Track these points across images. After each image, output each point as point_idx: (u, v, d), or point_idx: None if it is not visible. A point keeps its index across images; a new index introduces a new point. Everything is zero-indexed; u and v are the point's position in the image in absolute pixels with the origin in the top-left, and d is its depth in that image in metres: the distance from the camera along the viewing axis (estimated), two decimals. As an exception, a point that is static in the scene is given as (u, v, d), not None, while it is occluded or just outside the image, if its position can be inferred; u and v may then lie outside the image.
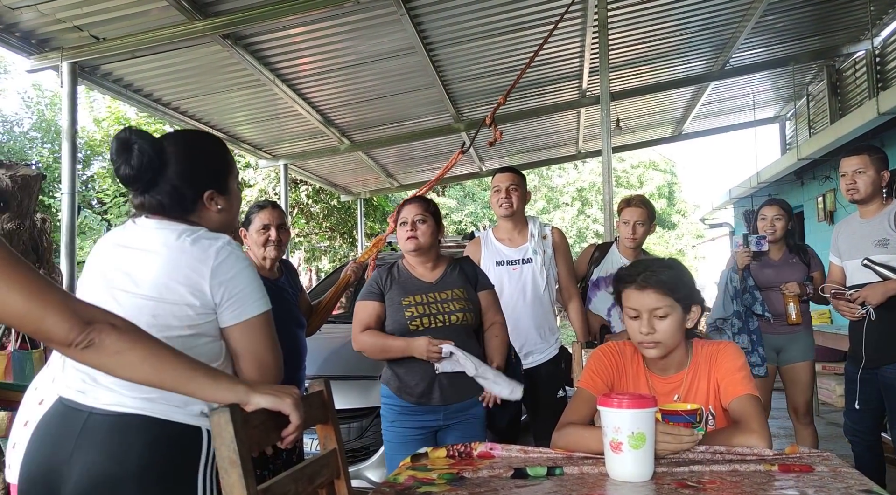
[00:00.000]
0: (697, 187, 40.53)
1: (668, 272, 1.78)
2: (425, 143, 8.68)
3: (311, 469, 1.41)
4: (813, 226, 8.68)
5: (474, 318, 2.54)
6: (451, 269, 2.64)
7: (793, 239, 3.58)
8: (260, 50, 5.16)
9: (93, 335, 1.14)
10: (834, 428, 5.15)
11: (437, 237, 2.63)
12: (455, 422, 2.53)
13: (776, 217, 3.51)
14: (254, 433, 1.28)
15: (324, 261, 15.51)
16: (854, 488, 1.31)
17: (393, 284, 2.62)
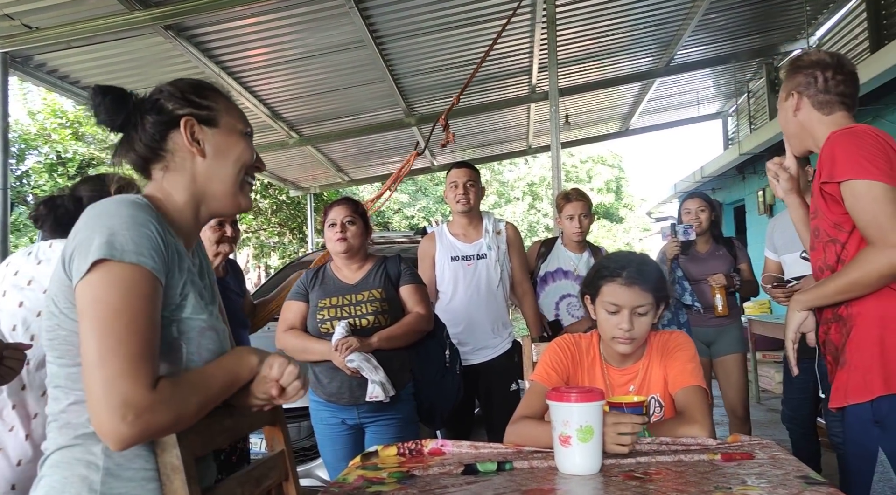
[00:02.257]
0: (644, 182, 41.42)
1: (654, 271, 1.81)
2: (376, 138, 8.63)
3: (258, 471, 1.38)
4: (754, 218, 8.95)
5: (389, 319, 2.53)
6: (374, 270, 2.64)
7: (718, 230, 3.64)
8: (204, 42, 5.03)
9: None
10: (773, 415, 5.34)
11: (366, 239, 2.65)
12: (373, 422, 2.52)
13: (700, 209, 3.56)
14: (197, 437, 1.25)
15: (273, 258, 15.30)
16: (792, 474, 1.36)
17: (316, 286, 2.64)
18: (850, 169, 1.57)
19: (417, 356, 2.61)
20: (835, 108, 1.77)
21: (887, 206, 1.52)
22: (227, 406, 1.31)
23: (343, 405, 2.52)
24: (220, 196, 1.26)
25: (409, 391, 2.59)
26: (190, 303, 1.17)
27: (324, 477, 3.24)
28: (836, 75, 1.76)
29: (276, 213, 14.31)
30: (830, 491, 1.25)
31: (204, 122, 1.22)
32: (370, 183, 14.31)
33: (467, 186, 3.16)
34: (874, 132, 1.63)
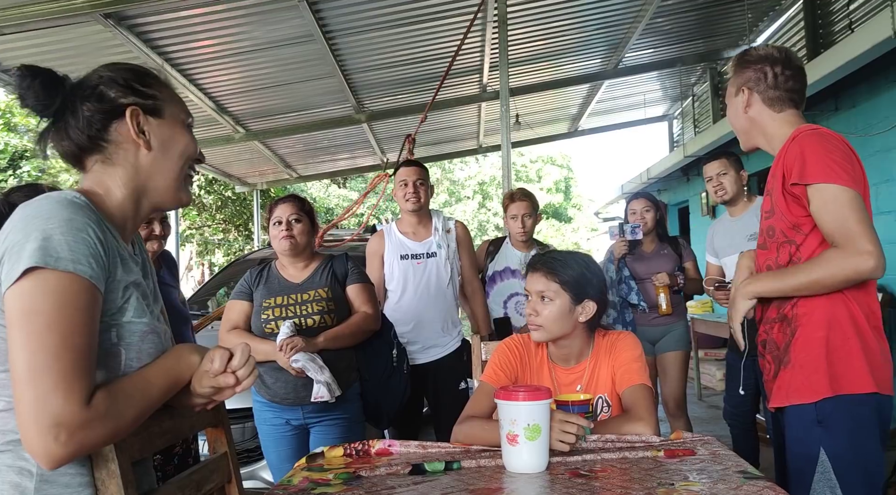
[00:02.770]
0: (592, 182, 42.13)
1: (562, 260, 1.82)
2: (326, 134, 8.52)
3: (199, 475, 1.34)
4: (697, 219, 9.19)
5: (336, 319, 2.50)
6: (321, 269, 2.60)
7: (663, 230, 3.70)
8: (147, 32, 4.87)
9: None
10: (715, 411, 5.48)
11: (313, 237, 2.61)
12: (318, 422, 2.49)
13: (645, 209, 3.62)
14: (135, 440, 1.20)
15: (217, 255, 14.97)
16: (731, 470, 1.39)
17: (261, 284, 2.59)
18: (821, 172, 1.57)
19: (364, 356, 2.58)
20: (785, 105, 1.76)
21: (856, 213, 1.54)
22: (167, 407, 1.27)
23: (287, 405, 2.48)
24: (162, 190, 1.20)
25: (355, 391, 2.56)
26: (132, 307, 1.11)
27: (268, 479, 3.18)
28: (785, 71, 1.74)
29: (221, 210, 14.01)
30: (767, 484, 1.28)
31: (149, 111, 1.16)
32: (318, 180, 14.17)
33: (417, 185, 3.14)
34: (841, 138, 1.64)
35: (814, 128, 1.66)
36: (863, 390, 1.60)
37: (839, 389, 1.60)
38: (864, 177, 1.62)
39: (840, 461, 1.60)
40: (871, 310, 1.64)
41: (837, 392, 1.60)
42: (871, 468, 1.61)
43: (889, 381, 1.62)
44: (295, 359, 2.33)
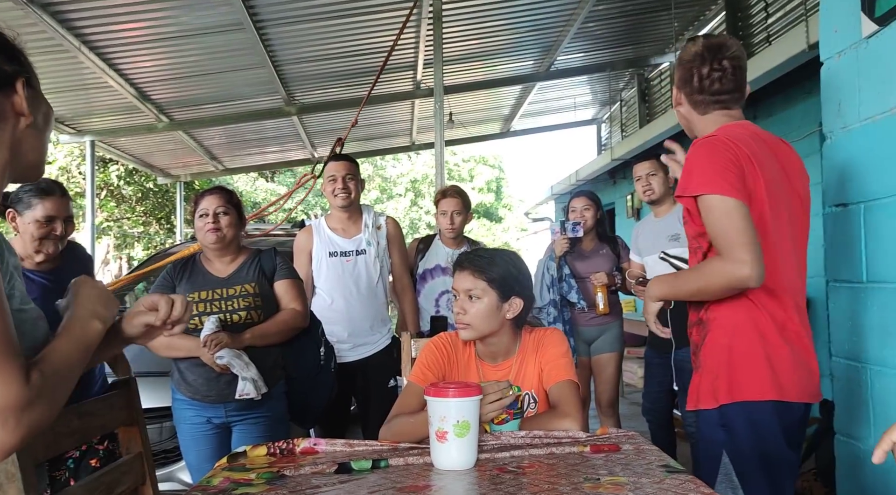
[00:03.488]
0: (523, 183, 42.78)
1: (488, 258, 1.82)
2: (254, 126, 8.32)
3: (109, 477, 1.27)
4: (623, 221, 9.44)
5: (263, 315, 2.43)
6: (248, 263, 2.52)
7: (603, 229, 3.73)
8: (63, 12, 4.62)
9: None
10: (635, 408, 5.64)
11: (239, 230, 2.53)
12: (241, 420, 2.42)
13: (585, 207, 3.64)
14: (39, 442, 1.12)
15: (137, 249, 14.40)
16: (654, 464, 1.41)
17: (184, 278, 2.49)
18: (704, 184, 1.59)
19: (291, 353, 2.52)
20: (709, 108, 1.75)
21: (736, 222, 1.55)
22: (74, 406, 1.19)
23: (209, 403, 2.39)
24: (32, 166, 1.11)
25: (280, 389, 2.49)
26: (19, 292, 1.04)
27: (187, 481, 3.07)
28: (713, 72, 1.72)
29: (142, 202, 13.47)
30: (688, 478, 1.31)
31: (28, 82, 1.06)
32: (246, 172, 13.82)
33: (346, 180, 3.07)
34: (730, 144, 1.63)
35: (707, 139, 1.67)
36: (762, 397, 1.63)
37: (737, 396, 1.65)
38: (761, 182, 1.63)
39: (743, 463, 1.65)
40: (780, 316, 1.66)
41: (735, 398, 1.65)
42: (774, 469, 1.67)
43: (797, 388, 1.65)
44: (219, 356, 2.25)
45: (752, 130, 1.73)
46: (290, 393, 2.53)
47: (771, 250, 1.63)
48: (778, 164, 1.71)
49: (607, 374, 3.63)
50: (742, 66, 1.75)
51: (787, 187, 1.71)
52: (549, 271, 3.55)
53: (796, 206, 1.73)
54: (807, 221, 1.76)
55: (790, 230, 1.70)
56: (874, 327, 1.99)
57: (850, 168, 2.09)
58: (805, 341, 1.70)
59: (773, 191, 1.65)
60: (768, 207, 1.64)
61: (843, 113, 2.11)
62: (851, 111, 2.07)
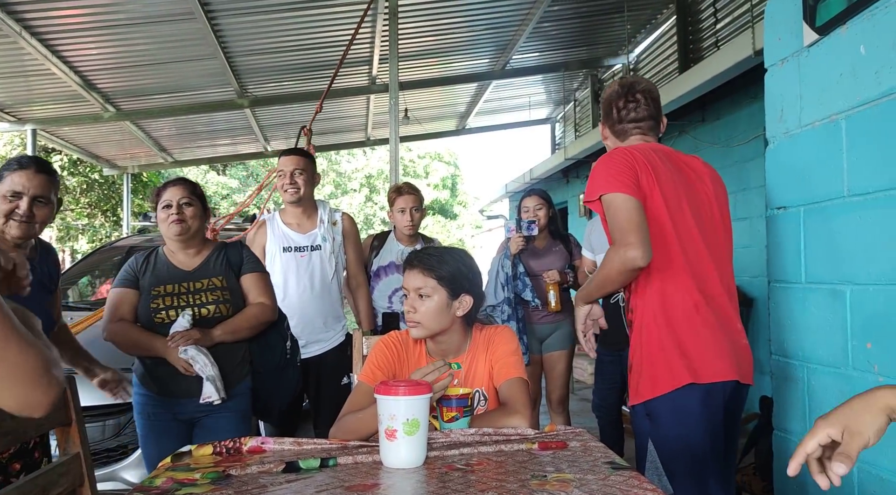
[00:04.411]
0: (477, 180, 42.94)
1: (437, 256, 1.82)
2: (205, 118, 8.15)
3: (44, 479, 1.22)
4: (575, 220, 9.57)
5: (231, 309, 2.38)
6: (214, 256, 2.47)
7: (555, 227, 3.75)
8: (3, -6, 4.45)
9: None
10: (585, 404, 5.73)
11: (204, 222, 2.46)
12: (206, 416, 2.36)
13: (537, 206, 3.65)
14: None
15: (81, 242, 13.95)
16: (600, 460, 1.44)
17: (147, 271, 2.42)
18: (601, 186, 1.79)
19: (258, 348, 2.47)
20: (629, 134, 1.98)
21: (625, 213, 1.74)
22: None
23: (177, 398, 2.34)
24: None
25: (246, 385, 2.44)
26: None
27: (130, 480, 3.00)
28: (628, 103, 1.96)
29: (87, 193, 13.06)
30: (632, 474, 1.34)
31: None
32: (196, 165, 13.54)
33: (295, 175, 3.02)
34: (626, 152, 1.83)
35: (608, 152, 1.89)
36: (678, 384, 1.75)
37: (657, 390, 1.78)
38: (655, 181, 1.79)
39: (666, 450, 1.78)
40: (690, 302, 1.78)
41: (656, 393, 1.79)
42: (698, 455, 1.77)
43: (715, 368, 1.76)
44: (184, 349, 2.20)
45: (655, 146, 1.92)
46: (256, 389, 2.48)
47: (673, 239, 1.79)
48: (676, 168, 1.87)
49: (558, 371, 3.66)
50: (654, 98, 1.99)
51: (689, 186, 1.87)
52: (503, 269, 3.57)
53: (703, 202, 1.88)
54: (722, 216, 1.91)
55: (696, 221, 1.84)
56: (811, 326, 2.07)
57: (791, 172, 2.16)
58: (726, 322, 1.82)
59: (670, 188, 1.82)
60: (666, 201, 1.79)
61: (785, 119, 2.18)
62: (793, 117, 2.14)
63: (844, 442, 1.00)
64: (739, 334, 1.86)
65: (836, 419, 1.03)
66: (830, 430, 1.02)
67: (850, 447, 0.99)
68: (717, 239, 1.88)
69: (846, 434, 1.00)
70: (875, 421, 1.00)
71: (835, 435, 1.01)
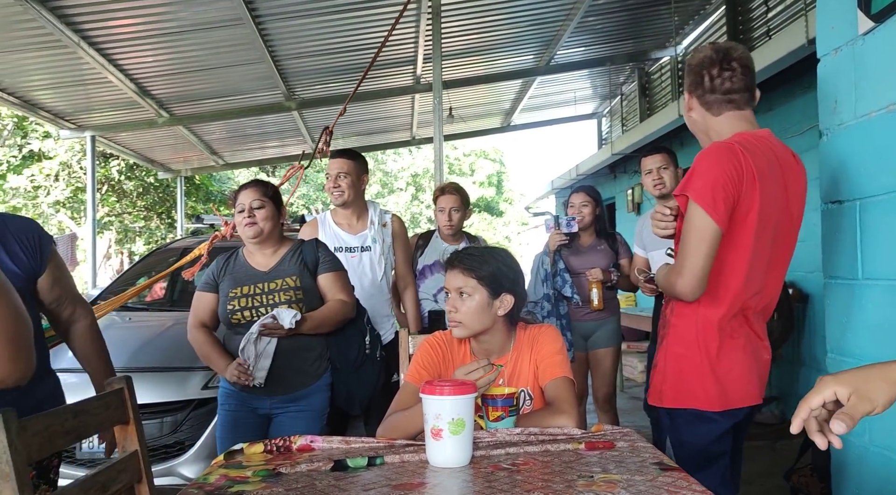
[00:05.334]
0: (523, 177, 42.77)
1: (478, 256, 1.83)
2: (254, 121, 8.32)
3: (104, 475, 1.27)
4: (623, 216, 9.43)
5: (304, 309, 2.42)
6: (289, 255, 2.51)
7: (601, 225, 3.69)
8: (61, 7, 4.62)
9: None
10: (636, 402, 5.66)
11: (279, 222, 2.51)
12: (283, 413, 2.44)
13: (583, 203, 3.60)
14: (34, 440, 1.13)
15: (138, 244, 14.41)
16: (648, 461, 1.42)
17: (226, 274, 2.49)
18: (698, 191, 1.68)
19: (336, 343, 2.51)
20: (723, 107, 1.79)
21: (698, 236, 1.67)
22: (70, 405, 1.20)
23: (255, 395, 2.43)
24: None
25: (324, 381, 2.49)
26: None
27: (188, 476, 3.10)
28: (723, 72, 1.77)
29: (143, 197, 13.48)
30: (681, 476, 1.32)
31: None
32: (246, 167, 13.82)
33: (338, 178, 3.05)
34: (736, 156, 1.67)
35: (723, 144, 1.71)
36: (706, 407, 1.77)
37: (682, 402, 1.80)
38: (756, 203, 1.68)
39: (683, 452, 1.81)
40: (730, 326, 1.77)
41: (681, 405, 1.81)
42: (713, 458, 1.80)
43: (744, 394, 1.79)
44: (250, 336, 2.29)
45: (767, 144, 1.76)
46: (336, 384, 2.53)
47: (742, 268, 1.72)
48: (781, 184, 1.75)
49: (604, 369, 3.62)
50: (750, 68, 1.80)
51: (782, 208, 1.76)
52: (543, 266, 3.55)
53: (785, 227, 1.79)
54: (792, 242, 1.84)
55: (770, 252, 1.77)
56: (869, 324, 2.00)
57: (846, 165, 2.09)
58: (758, 339, 1.82)
59: (765, 212, 1.71)
60: (754, 229, 1.70)
61: (840, 110, 2.11)
62: (847, 108, 2.07)
63: (850, 404, 0.96)
64: (765, 349, 1.85)
65: (846, 379, 0.99)
66: (839, 389, 0.98)
67: (855, 409, 0.96)
68: (784, 250, 1.82)
69: (854, 396, 0.97)
70: (888, 390, 0.96)
71: (842, 395, 0.98)
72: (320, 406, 2.49)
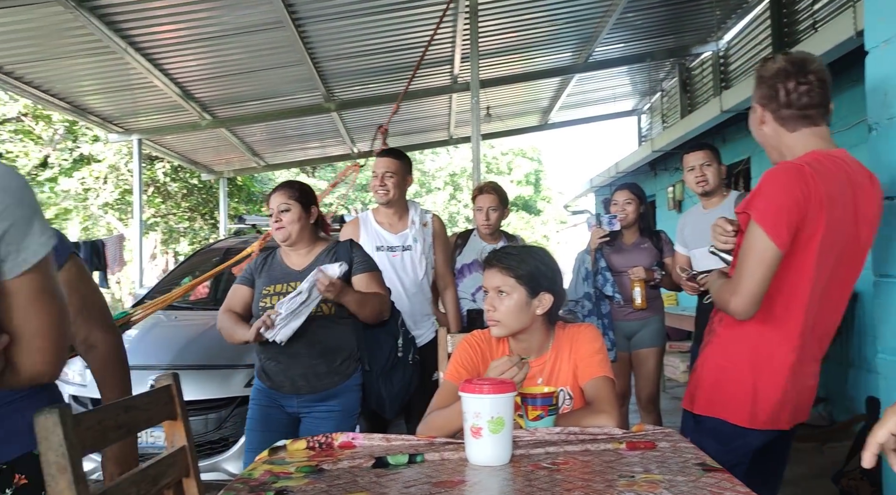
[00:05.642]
0: (562, 175, 42.44)
1: (516, 255, 1.83)
2: (294, 122, 8.43)
3: (154, 469, 1.31)
4: (664, 213, 9.30)
5: (334, 309, 2.44)
6: (324, 256, 2.53)
7: (646, 223, 3.64)
8: (109, 14, 4.75)
9: None
10: (677, 402, 5.57)
11: (308, 222, 2.53)
12: (311, 413, 2.46)
13: (626, 201, 3.56)
14: (87, 434, 1.17)
15: (182, 244, 14.73)
16: (690, 462, 1.40)
17: (263, 272, 2.55)
18: (762, 212, 1.62)
19: (367, 346, 2.53)
20: (798, 123, 1.71)
21: (757, 258, 1.63)
22: (121, 401, 1.24)
23: (284, 393, 2.47)
24: None
25: (354, 381, 2.50)
26: None
27: (232, 471, 3.16)
28: (799, 85, 1.69)
29: (187, 198, 13.79)
30: (725, 477, 1.30)
31: None
32: (287, 168, 14.02)
33: (385, 178, 3.08)
34: (811, 181, 1.61)
35: (794, 165, 1.65)
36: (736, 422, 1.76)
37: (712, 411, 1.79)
38: (820, 229, 1.63)
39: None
40: (781, 353, 1.72)
41: (711, 413, 1.80)
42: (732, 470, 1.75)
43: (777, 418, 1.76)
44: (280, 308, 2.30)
45: (841, 166, 1.69)
46: (366, 386, 2.53)
47: (803, 295, 1.68)
48: (851, 209, 1.69)
49: (647, 369, 3.57)
50: (826, 81, 1.74)
51: (849, 233, 1.70)
52: (584, 264, 3.52)
53: (850, 252, 1.73)
54: (858, 266, 1.78)
55: (831, 276, 1.72)
56: (922, 324, 1.93)
57: (897, 160, 2.03)
58: (809, 365, 1.78)
59: (829, 237, 1.65)
60: (817, 254, 1.65)
61: (889, 103, 2.04)
62: (898, 101, 2.01)
63: None
64: (813, 375, 1.81)
65: None
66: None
67: None
68: (849, 274, 1.76)
69: None
70: None
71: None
72: (349, 407, 2.49)
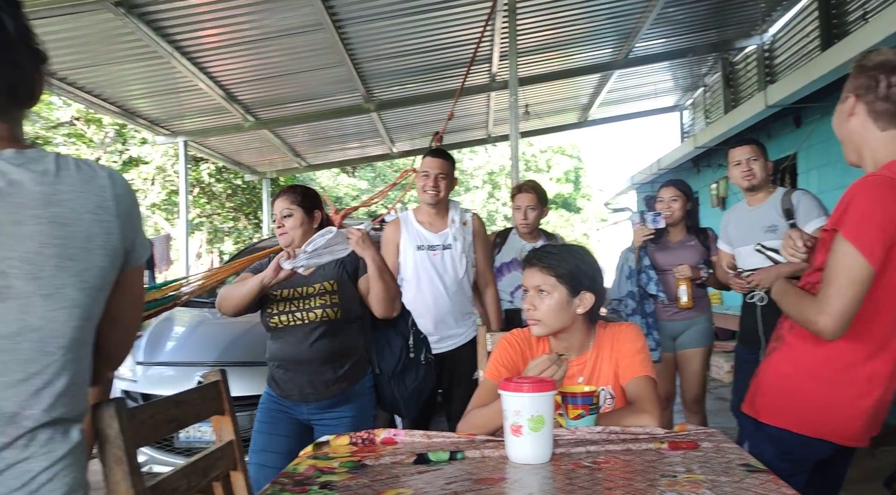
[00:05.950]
0: (602, 172, 41.99)
1: (556, 254, 1.82)
2: (335, 123, 8.53)
3: (204, 462, 1.36)
4: (707, 211, 9.14)
5: (341, 312, 2.42)
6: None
7: (693, 220, 3.56)
8: (157, 20, 4.89)
9: None
10: (721, 403, 5.49)
11: (311, 226, 2.52)
12: (321, 420, 2.44)
13: (672, 198, 3.48)
14: (141, 427, 1.22)
15: (227, 243, 15.03)
16: (734, 462, 1.39)
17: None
18: (852, 229, 1.55)
19: (376, 347, 2.54)
20: (891, 122, 1.63)
21: (847, 277, 1.54)
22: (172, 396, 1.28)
23: (293, 402, 2.45)
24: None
25: (365, 384, 2.50)
26: None
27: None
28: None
29: (231, 198, 14.07)
30: (770, 478, 1.28)
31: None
32: (328, 168, 14.20)
33: (438, 178, 3.09)
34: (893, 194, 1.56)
35: (885, 180, 1.57)
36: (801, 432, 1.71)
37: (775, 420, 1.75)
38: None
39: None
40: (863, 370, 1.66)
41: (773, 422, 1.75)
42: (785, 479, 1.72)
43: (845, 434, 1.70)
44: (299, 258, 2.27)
45: None
46: (378, 389, 2.54)
47: (885, 311, 1.62)
48: None
49: (692, 370, 3.48)
50: None
51: None
52: (627, 262, 3.46)
53: None
54: None
55: None
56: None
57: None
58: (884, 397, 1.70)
59: None
60: None
61: (944, 96, 1.98)
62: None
63: None
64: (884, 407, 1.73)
65: None
66: None
67: None
68: None
69: None
70: None
71: None
72: (361, 412, 2.47)
